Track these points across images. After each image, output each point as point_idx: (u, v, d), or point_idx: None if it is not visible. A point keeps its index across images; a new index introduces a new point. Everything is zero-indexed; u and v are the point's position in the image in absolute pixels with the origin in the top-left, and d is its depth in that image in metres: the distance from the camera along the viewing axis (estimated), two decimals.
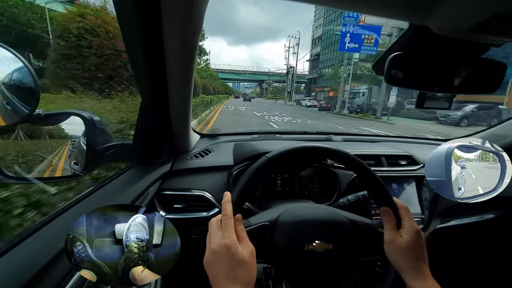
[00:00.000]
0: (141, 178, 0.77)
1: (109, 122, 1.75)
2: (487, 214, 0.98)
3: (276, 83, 76.92)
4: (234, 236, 0.44)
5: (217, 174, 0.94)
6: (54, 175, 0.71)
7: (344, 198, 0.77)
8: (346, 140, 1.31)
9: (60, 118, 0.69)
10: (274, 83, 78.07)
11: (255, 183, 0.53)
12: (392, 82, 0.41)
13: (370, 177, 0.56)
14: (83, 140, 0.68)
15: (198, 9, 0.49)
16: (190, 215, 0.86)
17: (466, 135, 1.25)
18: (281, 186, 0.97)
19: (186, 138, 0.99)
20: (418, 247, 0.50)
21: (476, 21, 0.31)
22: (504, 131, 1.03)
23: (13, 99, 0.50)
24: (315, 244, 0.54)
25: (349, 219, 0.58)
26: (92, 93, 3.46)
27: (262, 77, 77.96)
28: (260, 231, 0.56)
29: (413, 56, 0.41)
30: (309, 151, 0.57)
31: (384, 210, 0.54)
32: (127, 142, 0.81)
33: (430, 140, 1.42)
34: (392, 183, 1.02)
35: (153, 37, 0.54)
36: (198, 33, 0.56)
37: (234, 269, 0.42)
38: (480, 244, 1.09)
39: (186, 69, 0.66)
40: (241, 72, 73.96)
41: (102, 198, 0.64)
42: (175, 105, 0.77)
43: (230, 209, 0.47)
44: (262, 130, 1.37)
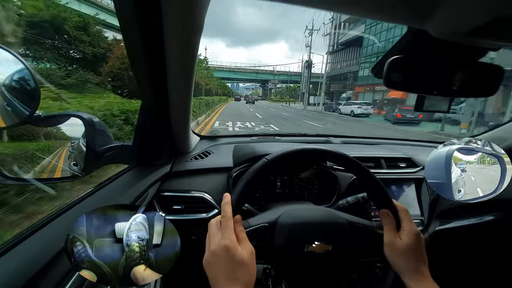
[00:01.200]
0: (141, 179, 0.77)
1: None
2: (487, 216, 0.98)
3: (283, 84, 70.29)
4: (233, 237, 0.44)
5: (216, 175, 0.94)
6: (54, 176, 0.71)
7: (344, 200, 0.77)
8: (345, 143, 1.31)
9: (60, 119, 0.69)
10: (279, 83, 70.58)
11: (255, 185, 0.53)
12: (391, 86, 0.41)
13: (369, 179, 0.56)
14: (83, 142, 0.69)
15: (199, 9, 0.49)
16: (190, 216, 0.86)
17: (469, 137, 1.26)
18: (281, 188, 0.97)
19: (185, 140, 0.99)
20: (418, 249, 0.50)
21: (474, 25, 0.32)
22: (504, 133, 1.03)
23: (13, 100, 0.50)
24: (314, 246, 0.54)
25: (349, 221, 0.58)
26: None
27: (267, 76, 69.48)
28: (259, 232, 0.56)
29: (412, 60, 0.42)
30: (309, 153, 0.57)
31: (384, 212, 0.54)
32: (127, 143, 0.81)
33: (429, 143, 1.43)
34: (392, 185, 1.02)
35: (154, 38, 0.54)
36: (199, 34, 0.56)
37: (233, 270, 0.42)
38: (480, 246, 1.09)
39: (186, 71, 0.66)
40: (242, 71, 64.92)
41: (102, 199, 0.64)
42: (175, 106, 0.78)
43: (230, 210, 0.47)
44: (262, 132, 1.38)
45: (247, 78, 72.71)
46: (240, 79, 76.07)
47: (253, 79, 76.48)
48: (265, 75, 69.75)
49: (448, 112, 0.53)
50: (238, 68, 64.55)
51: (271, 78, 68.68)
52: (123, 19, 0.52)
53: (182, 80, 0.69)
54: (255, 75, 68.58)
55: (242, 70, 65.18)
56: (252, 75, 68.58)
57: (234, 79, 74.43)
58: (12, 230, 1.07)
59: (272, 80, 68.77)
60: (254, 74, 68.09)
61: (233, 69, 63.25)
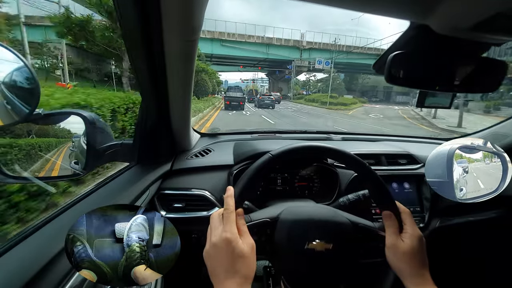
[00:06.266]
0: (142, 177, 0.77)
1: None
2: (488, 213, 0.98)
3: (319, 74, 37.85)
4: (235, 230, 0.44)
5: (217, 173, 0.94)
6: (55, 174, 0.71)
7: (344, 197, 0.77)
8: (346, 139, 1.31)
9: (60, 117, 0.69)
10: (312, 72, 38.43)
11: (258, 180, 0.53)
12: (393, 81, 0.41)
13: (372, 178, 0.56)
14: (83, 140, 0.68)
15: (198, 8, 0.49)
16: (190, 214, 0.86)
17: (466, 134, 1.25)
18: (281, 185, 0.97)
19: (186, 138, 0.99)
20: (420, 252, 0.50)
21: (476, 20, 0.31)
22: (505, 130, 1.03)
23: (13, 98, 0.50)
24: (315, 243, 0.54)
25: (351, 221, 0.58)
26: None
27: (288, 53, 33.50)
28: (260, 227, 0.56)
29: (414, 55, 0.41)
30: (312, 150, 0.57)
31: (387, 214, 0.54)
32: (128, 141, 0.81)
33: (430, 139, 1.42)
34: (392, 182, 1.02)
35: (153, 37, 0.54)
36: (198, 32, 0.56)
37: (233, 262, 0.42)
38: (481, 243, 1.09)
39: (186, 69, 0.66)
40: (240, 41, 31.06)
41: (103, 198, 0.65)
42: (175, 104, 0.77)
43: (232, 203, 0.47)
44: (262, 130, 1.37)
45: (249, 57, 34.09)
46: (235, 61, 38.57)
47: (257, 62, 38.59)
48: (283, 50, 33.35)
49: (449, 108, 0.53)
50: (233, 35, 30.48)
51: (296, 58, 33.83)
52: (123, 19, 0.52)
53: (182, 78, 0.69)
54: (264, 52, 32.69)
55: (239, 40, 31.04)
56: (259, 49, 32.37)
57: (224, 59, 36.49)
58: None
59: (299, 61, 34.08)
60: (263, 46, 32.37)
61: (223, 38, 30.16)
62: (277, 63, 38.42)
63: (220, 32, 30.48)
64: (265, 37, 32.79)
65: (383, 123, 12.96)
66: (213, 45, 29.94)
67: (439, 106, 0.52)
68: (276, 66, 39.94)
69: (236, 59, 36.72)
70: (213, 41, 29.91)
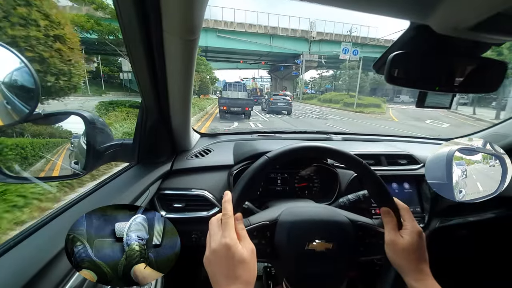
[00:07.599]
0: (141, 177, 0.77)
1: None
2: (488, 213, 0.98)
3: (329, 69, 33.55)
4: (234, 235, 0.44)
5: (217, 173, 0.94)
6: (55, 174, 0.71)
7: (344, 197, 0.77)
8: (346, 140, 1.31)
9: (60, 117, 0.69)
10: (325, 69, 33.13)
11: (256, 183, 0.53)
12: (393, 82, 0.41)
13: (371, 177, 0.56)
14: (83, 140, 0.68)
15: (198, 8, 0.49)
16: (190, 214, 0.86)
17: (466, 135, 1.25)
18: (281, 185, 0.97)
19: (186, 138, 0.99)
20: (420, 248, 0.50)
21: (477, 20, 0.31)
22: (505, 130, 1.03)
23: (13, 98, 0.50)
24: (315, 243, 0.54)
25: (350, 219, 0.58)
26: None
27: (296, 45, 28.39)
28: (260, 230, 0.56)
29: (414, 55, 0.41)
30: (310, 151, 0.57)
31: (385, 211, 0.54)
32: (128, 141, 0.81)
33: (430, 140, 1.42)
34: (392, 183, 1.02)
35: (153, 37, 0.54)
36: (198, 32, 0.56)
37: (234, 268, 0.42)
38: (481, 243, 1.09)
39: (186, 69, 0.66)
40: (240, 32, 26.02)
41: (102, 198, 0.64)
42: (175, 104, 0.77)
43: (231, 208, 0.47)
44: (262, 130, 1.37)
45: (250, 51, 29.10)
46: (234, 55, 33.72)
47: (260, 56, 33.26)
48: (289, 41, 28.49)
49: (449, 108, 0.53)
50: (231, 25, 25.58)
51: (304, 51, 28.53)
52: (123, 19, 0.52)
53: (182, 77, 0.69)
54: (267, 45, 28.01)
55: (239, 30, 26.21)
56: (261, 40, 27.55)
57: (221, 53, 31.87)
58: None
59: (308, 55, 28.55)
60: (266, 37, 27.70)
61: (220, 28, 25.26)
62: (282, 58, 33.13)
63: (215, 20, 24.88)
64: (269, 27, 27.57)
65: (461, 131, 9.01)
66: (207, 37, 24.61)
67: (439, 106, 0.51)
68: (281, 61, 34.11)
69: (235, 53, 31.34)
70: (208, 32, 24.41)
